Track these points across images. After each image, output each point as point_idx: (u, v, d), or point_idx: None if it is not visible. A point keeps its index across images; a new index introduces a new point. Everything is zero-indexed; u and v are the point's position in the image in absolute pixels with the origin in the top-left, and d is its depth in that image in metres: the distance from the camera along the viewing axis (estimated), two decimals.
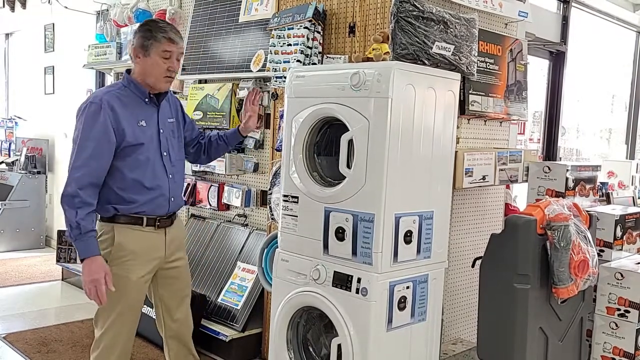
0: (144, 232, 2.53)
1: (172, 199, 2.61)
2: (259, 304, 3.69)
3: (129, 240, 2.50)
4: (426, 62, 2.62)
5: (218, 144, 2.92)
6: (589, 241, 2.54)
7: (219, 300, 3.82)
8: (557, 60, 5.14)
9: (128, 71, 2.60)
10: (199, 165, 3.92)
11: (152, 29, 2.50)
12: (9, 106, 8.10)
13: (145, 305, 4.00)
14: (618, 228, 2.91)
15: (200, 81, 4.36)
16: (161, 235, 2.60)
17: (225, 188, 4.14)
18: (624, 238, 2.98)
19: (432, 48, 2.64)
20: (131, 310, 2.57)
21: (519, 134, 3.94)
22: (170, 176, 2.60)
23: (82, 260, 2.39)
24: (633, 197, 4.46)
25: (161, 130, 2.59)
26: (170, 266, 2.67)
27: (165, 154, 2.59)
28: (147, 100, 2.56)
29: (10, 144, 7.57)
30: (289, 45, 3.34)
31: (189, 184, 4.31)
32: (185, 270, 2.78)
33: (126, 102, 2.50)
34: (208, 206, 4.28)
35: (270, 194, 3.37)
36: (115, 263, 2.49)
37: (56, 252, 5.41)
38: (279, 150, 3.23)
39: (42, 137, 7.07)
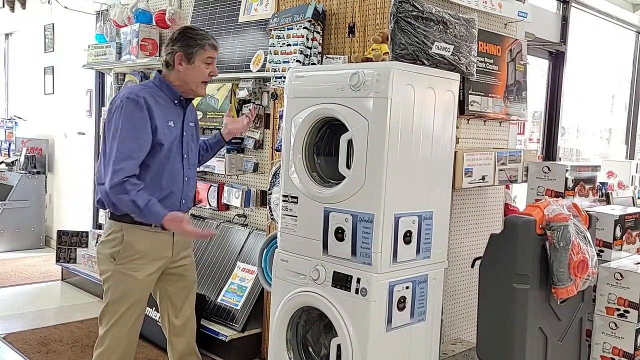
0: (152, 232, 2.55)
1: (183, 201, 2.66)
2: (259, 304, 3.69)
3: (137, 239, 2.53)
4: (425, 62, 2.63)
5: (199, 149, 2.95)
6: (589, 241, 2.54)
7: (218, 300, 3.82)
8: (557, 60, 5.14)
9: (159, 71, 2.65)
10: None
11: (195, 37, 2.56)
12: (9, 106, 8.10)
13: None
14: (617, 228, 2.91)
15: None
16: (169, 236, 2.62)
17: (225, 188, 4.15)
18: (624, 238, 2.97)
19: (431, 48, 2.65)
20: (137, 309, 2.59)
21: (518, 134, 3.94)
22: (186, 179, 2.65)
23: (163, 227, 2.44)
24: (633, 197, 4.46)
25: (184, 133, 2.64)
26: (177, 264, 2.70)
27: (185, 156, 2.64)
28: (176, 102, 2.61)
29: (10, 144, 7.56)
30: (289, 45, 3.34)
31: None
32: (191, 267, 2.81)
33: (159, 101, 2.55)
34: (208, 206, 4.28)
35: (270, 194, 3.37)
36: (122, 262, 2.52)
37: (56, 252, 5.41)
38: (279, 150, 3.23)
39: (41, 137, 7.07)
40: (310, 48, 3.30)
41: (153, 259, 2.58)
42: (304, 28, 3.28)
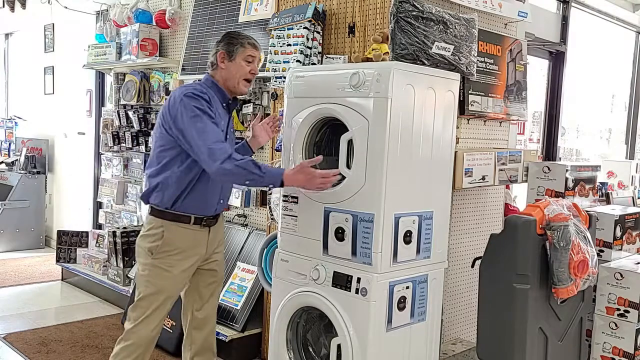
0: (190, 230, 2.63)
1: (221, 201, 2.73)
2: (259, 304, 3.69)
3: (176, 236, 2.61)
4: (426, 62, 2.63)
5: None
6: (589, 241, 2.54)
7: (218, 300, 3.81)
8: (557, 60, 5.14)
9: (210, 75, 2.71)
10: None
11: (237, 37, 2.68)
12: (9, 106, 8.09)
13: None
14: (617, 228, 2.91)
15: None
16: (205, 234, 2.69)
17: None
18: (624, 238, 2.98)
19: (431, 48, 2.64)
20: (167, 305, 2.66)
21: (518, 134, 3.94)
22: None
23: (281, 185, 2.48)
24: (633, 197, 4.46)
25: (227, 136, 2.70)
26: (211, 260, 2.79)
27: None
28: (224, 105, 2.68)
29: (10, 144, 7.56)
30: (289, 45, 3.34)
31: None
32: (222, 262, 2.90)
33: (214, 103, 2.61)
34: None
35: (270, 194, 3.37)
36: (159, 257, 2.60)
37: (56, 252, 5.40)
38: (279, 150, 3.23)
39: (41, 137, 7.07)
40: (310, 48, 3.30)
41: (189, 256, 2.65)
42: (304, 28, 3.28)
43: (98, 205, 5.90)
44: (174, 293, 2.68)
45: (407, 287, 2.49)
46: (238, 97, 2.82)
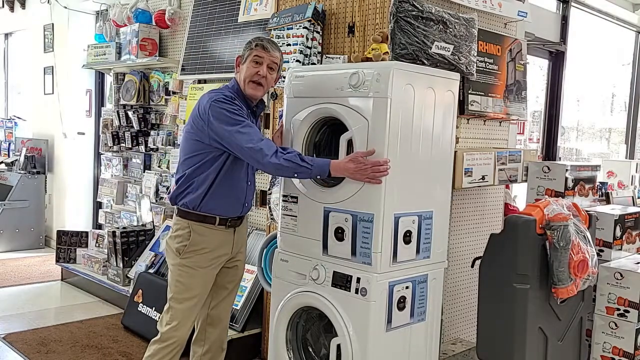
0: (215, 230, 2.66)
1: (246, 204, 2.75)
2: (259, 304, 3.69)
3: (202, 236, 2.65)
4: (425, 62, 2.63)
5: None
6: (589, 241, 2.54)
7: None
8: (557, 60, 5.14)
9: (235, 79, 2.73)
10: None
11: (252, 40, 2.66)
12: (9, 106, 8.09)
13: (144, 305, 4.00)
14: (617, 228, 2.91)
15: (199, 81, 4.35)
16: (230, 234, 2.72)
17: None
18: (624, 238, 2.97)
19: (431, 48, 2.65)
20: (200, 302, 2.71)
21: (518, 133, 3.94)
22: (249, 183, 2.74)
23: (329, 175, 2.46)
24: (632, 197, 4.45)
25: None
26: (235, 259, 2.82)
27: None
28: (249, 111, 2.69)
29: (9, 144, 7.56)
30: (288, 45, 3.34)
31: None
32: (243, 261, 2.92)
33: (242, 105, 2.62)
34: None
35: (270, 194, 3.37)
36: (187, 256, 2.64)
37: (55, 252, 5.40)
38: None
39: (41, 137, 7.07)
40: (310, 48, 3.30)
41: (216, 255, 2.69)
42: (303, 28, 3.28)
43: (98, 205, 5.90)
44: (204, 291, 2.71)
45: (407, 287, 2.49)
46: (264, 101, 2.82)
